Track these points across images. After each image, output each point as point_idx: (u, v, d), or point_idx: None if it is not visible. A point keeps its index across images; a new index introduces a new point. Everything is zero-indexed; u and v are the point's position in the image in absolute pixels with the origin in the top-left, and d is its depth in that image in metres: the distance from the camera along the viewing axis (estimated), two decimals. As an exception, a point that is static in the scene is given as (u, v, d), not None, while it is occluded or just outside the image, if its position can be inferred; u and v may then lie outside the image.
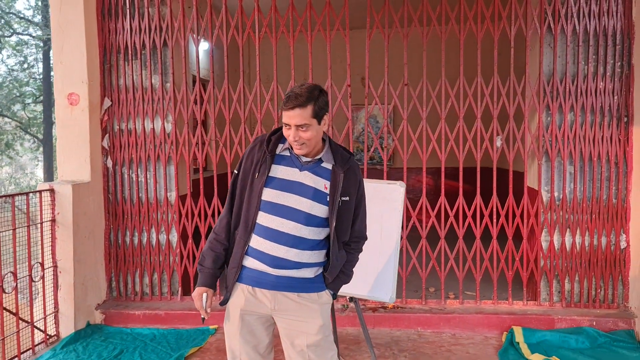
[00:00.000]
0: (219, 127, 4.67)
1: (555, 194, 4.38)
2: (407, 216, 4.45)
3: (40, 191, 4.12)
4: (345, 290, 2.94)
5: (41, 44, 17.90)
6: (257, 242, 2.18)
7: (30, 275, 3.93)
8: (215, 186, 4.61)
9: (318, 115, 2.08)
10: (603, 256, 4.34)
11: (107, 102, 4.63)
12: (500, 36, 4.37)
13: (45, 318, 4.11)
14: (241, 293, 2.22)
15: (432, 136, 4.43)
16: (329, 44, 4.50)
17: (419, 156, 4.52)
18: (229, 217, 2.27)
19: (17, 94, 18.49)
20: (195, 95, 4.61)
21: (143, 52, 4.64)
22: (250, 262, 2.21)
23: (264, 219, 2.16)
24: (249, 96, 4.58)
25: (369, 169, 4.65)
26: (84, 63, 4.42)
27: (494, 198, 4.41)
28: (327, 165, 2.18)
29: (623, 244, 4.31)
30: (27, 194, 3.98)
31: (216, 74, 4.60)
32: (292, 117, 2.05)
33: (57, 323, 4.24)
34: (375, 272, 2.86)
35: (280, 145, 2.19)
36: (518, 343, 3.97)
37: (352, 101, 4.62)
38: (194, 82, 4.84)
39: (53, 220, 4.19)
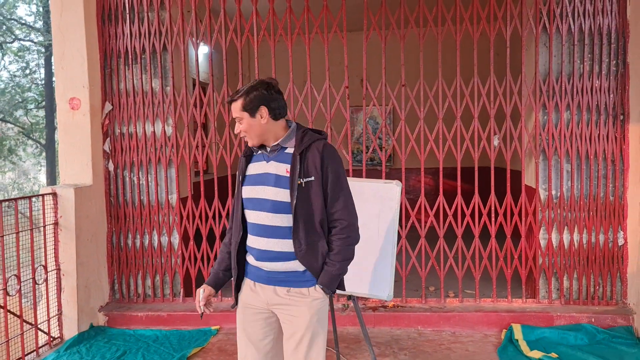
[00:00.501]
0: (219, 129, 4.72)
1: (553, 192, 4.41)
2: (407, 216, 4.49)
3: (42, 195, 4.17)
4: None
5: (43, 50, 17.99)
6: (248, 239, 2.30)
7: (33, 278, 3.98)
8: (216, 188, 4.65)
9: (248, 109, 2.19)
10: (601, 253, 4.37)
11: (108, 106, 4.69)
12: (496, 36, 4.41)
13: (48, 320, 4.16)
14: (246, 288, 2.33)
15: (429, 136, 4.47)
16: (326, 46, 4.54)
17: (417, 156, 4.56)
18: (230, 225, 2.41)
19: (20, 100, 18.58)
20: (195, 98, 4.66)
21: (143, 56, 4.70)
22: (249, 259, 2.32)
23: (247, 215, 2.29)
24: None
25: (369, 170, 4.69)
26: (85, 68, 4.48)
27: (492, 197, 4.44)
28: (290, 150, 2.25)
29: (621, 241, 4.34)
30: (29, 197, 4.03)
31: (215, 77, 4.65)
32: (232, 112, 2.25)
33: (60, 325, 4.28)
34: (372, 270, 2.90)
35: (255, 148, 2.32)
36: (517, 340, 4.00)
37: (351, 103, 4.66)
38: (194, 85, 4.89)
39: (56, 224, 4.24)
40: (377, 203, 2.90)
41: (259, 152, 2.30)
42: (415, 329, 4.35)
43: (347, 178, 2.33)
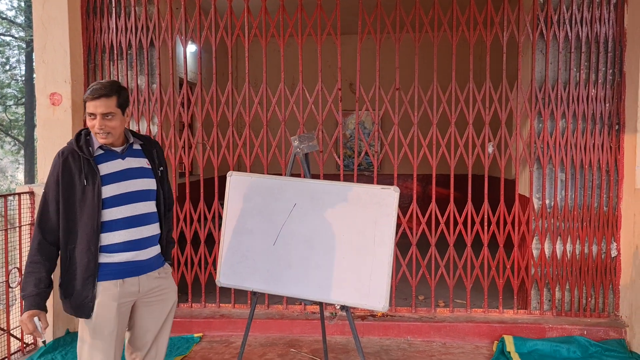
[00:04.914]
0: (206, 130, 4.56)
1: (547, 202, 4.34)
2: (397, 223, 4.37)
3: (19, 194, 3.98)
4: (336, 297, 2.86)
5: (24, 46, 17.61)
6: (117, 236, 2.30)
7: (7, 281, 3.78)
8: (202, 190, 4.49)
9: (122, 106, 2.31)
10: (594, 264, 4.31)
11: (91, 103, 4.50)
12: (492, 42, 4.34)
13: (22, 325, 3.96)
14: (112, 287, 2.30)
15: (423, 142, 4.37)
16: (319, 47, 4.42)
17: (406, 162, 4.45)
18: (42, 238, 2.27)
19: (-2, 96, 18.16)
20: (183, 97, 4.50)
21: (129, 52, 4.53)
22: (114, 257, 2.31)
23: (114, 213, 2.29)
24: (237, 99, 4.48)
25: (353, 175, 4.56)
26: (67, 62, 4.30)
27: (486, 205, 4.36)
28: (137, 146, 2.45)
29: (614, 252, 4.28)
30: (5, 196, 3.84)
31: (203, 77, 4.50)
32: (99, 106, 2.24)
33: (35, 331, 4.07)
34: (367, 279, 2.77)
35: (91, 149, 2.32)
36: (509, 352, 3.90)
37: (341, 106, 4.54)
38: (181, 84, 4.74)
39: (32, 224, 4.04)
40: (373, 209, 2.78)
41: (103, 151, 2.32)
42: (405, 339, 4.23)
43: (342, 183, 2.43)
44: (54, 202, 2.26)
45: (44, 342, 2.24)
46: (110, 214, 2.28)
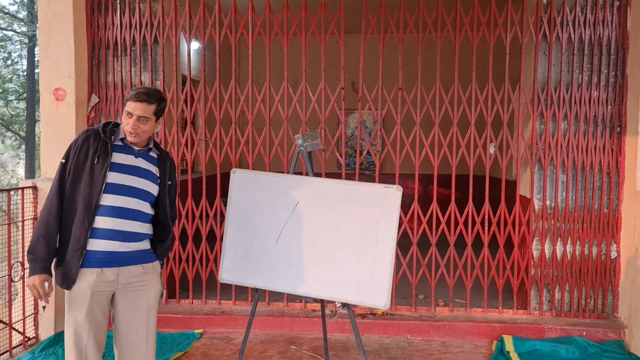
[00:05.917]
0: (209, 127, 4.58)
1: (547, 203, 4.36)
2: (399, 222, 4.39)
3: (22, 188, 3.99)
4: (338, 295, 2.88)
5: (26, 40, 17.62)
6: (104, 222, 2.39)
7: (9, 275, 3.80)
8: (204, 187, 4.51)
9: (157, 114, 2.49)
10: (593, 266, 4.32)
11: (95, 99, 4.52)
12: (495, 43, 4.35)
13: (24, 319, 3.97)
14: (90, 275, 2.38)
15: (425, 142, 4.39)
16: (323, 46, 4.44)
17: (407, 162, 4.46)
18: (59, 205, 2.40)
19: (0, 91, 18.15)
20: (186, 94, 4.52)
21: (133, 48, 4.54)
22: (97, 245, 2.39)
23: (110, 200, 2.40)
24: (240, 96, 4.49)
25: (354, 174, 4.58)
26: (72, 58, 4.31)
27: (486, 205, 4.37)
28: (154, 154, 2.59)
29: (613, 254, 4.30)
30: (8, 190, 3.85)
31: (207, 74, 4.51)
32: (137, 109, 2.40)
33: (36, 325, 4.10)
34: (369, 277, 2.79)
35: (113, 137, 2.47)
36: (508, 352, 3.92)
37: (344, 105, 4.56)
38: (184, 81, 4.75)
39: (35, 219, 4.06)
40: (376, 208, 2.80)
41: (122, 144, 2.47)
42: (404, 338, 4.25)
43: (345, 181, 2.44)
44: (70, 172, 2.40)
45: (43, 307, 2.38)
46: (105, 199, 2.39)
